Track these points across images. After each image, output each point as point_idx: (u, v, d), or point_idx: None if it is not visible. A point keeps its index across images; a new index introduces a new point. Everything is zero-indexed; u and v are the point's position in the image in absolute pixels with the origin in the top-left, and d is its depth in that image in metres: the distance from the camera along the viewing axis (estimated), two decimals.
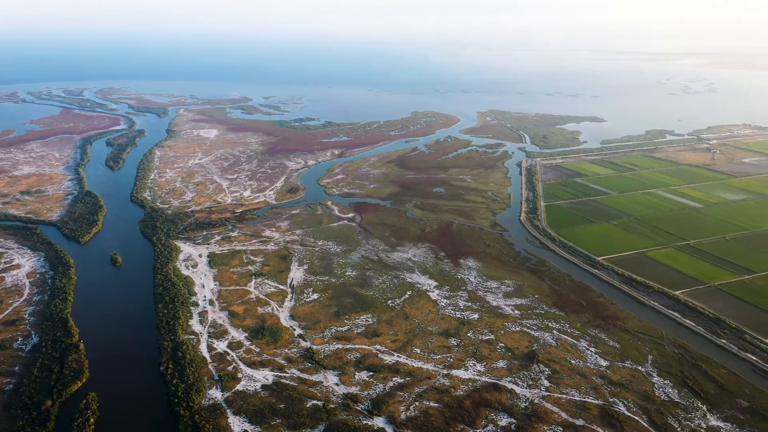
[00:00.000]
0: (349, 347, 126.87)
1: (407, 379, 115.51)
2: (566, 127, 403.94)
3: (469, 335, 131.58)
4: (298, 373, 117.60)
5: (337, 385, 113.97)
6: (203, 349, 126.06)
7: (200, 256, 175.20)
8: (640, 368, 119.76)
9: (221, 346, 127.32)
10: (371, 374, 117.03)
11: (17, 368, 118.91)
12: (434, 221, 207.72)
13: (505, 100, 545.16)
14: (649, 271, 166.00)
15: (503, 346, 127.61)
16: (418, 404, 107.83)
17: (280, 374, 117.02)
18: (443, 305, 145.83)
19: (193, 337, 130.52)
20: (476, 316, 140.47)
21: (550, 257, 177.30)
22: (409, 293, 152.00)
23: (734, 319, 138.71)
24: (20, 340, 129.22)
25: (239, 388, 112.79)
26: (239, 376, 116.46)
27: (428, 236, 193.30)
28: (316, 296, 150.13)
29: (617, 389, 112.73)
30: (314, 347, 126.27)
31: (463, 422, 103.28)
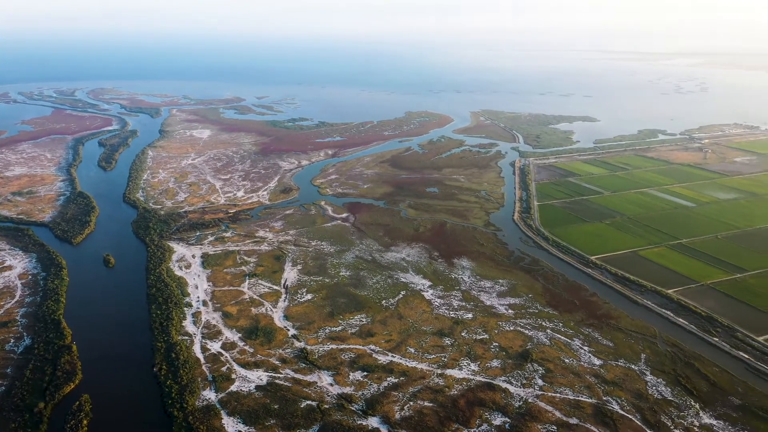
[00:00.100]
0: (343, 347, 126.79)
1: (401, 378, 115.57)
2: (559, 126, 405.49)
3: (463, 335, 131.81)
4: (292, 373, 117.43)
5: (331, 385, 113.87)
6: (197, 349, 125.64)
7: (193, 256, 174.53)
8: (633, 367, 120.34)
9: (215, 346, 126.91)
10: (365, 374, 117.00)
11: (9, 370, 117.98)
12: (428, 221, 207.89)
13: (498, 99, 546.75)
14: (641, 270, 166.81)
15: (497, 345, 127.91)
16: (412, 404, 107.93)
17: (274, 375, 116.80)
18: (437, 305, 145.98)
19: (186, 338, 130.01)
20: (470, 315, 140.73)
21: (543, 256, 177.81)
22: (403, 293, 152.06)
23: (726, 317, 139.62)
24: (12, 341, 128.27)
25: (233, 388, 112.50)
26: (233, 376, 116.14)
27: (422, 236, 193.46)
28: (310, 296, 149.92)
29: (611, 388, 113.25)
30: (308, 347, 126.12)
31: (457, 422, 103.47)
